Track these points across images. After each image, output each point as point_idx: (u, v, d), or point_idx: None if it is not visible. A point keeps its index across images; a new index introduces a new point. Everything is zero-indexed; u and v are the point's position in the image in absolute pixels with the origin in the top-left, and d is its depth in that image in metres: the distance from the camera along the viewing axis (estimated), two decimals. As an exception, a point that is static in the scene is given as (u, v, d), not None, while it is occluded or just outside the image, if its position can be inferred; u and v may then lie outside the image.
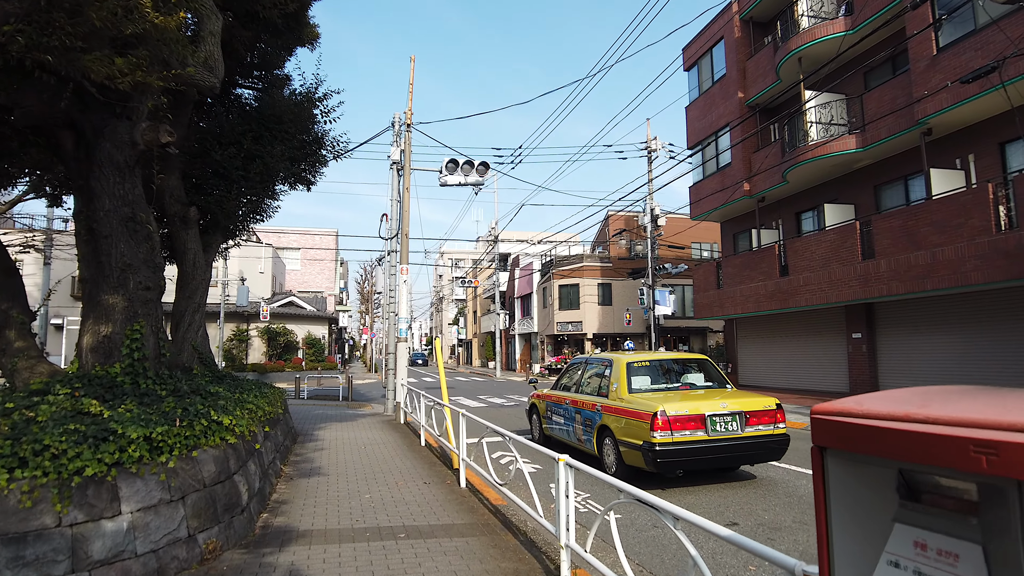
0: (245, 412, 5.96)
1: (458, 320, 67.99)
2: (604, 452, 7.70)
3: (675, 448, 6.67)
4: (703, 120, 23.05)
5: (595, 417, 7.91)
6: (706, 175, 23.04)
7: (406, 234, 14.05)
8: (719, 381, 8.07)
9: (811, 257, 17.43)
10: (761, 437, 7.03)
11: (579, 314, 34.52)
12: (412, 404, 11.69)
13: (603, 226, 36.11)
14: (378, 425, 12.67)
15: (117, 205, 6.02)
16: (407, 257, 13.94)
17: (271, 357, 32.54)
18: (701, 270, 23.80)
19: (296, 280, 45.60)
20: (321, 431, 11.68)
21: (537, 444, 10.97)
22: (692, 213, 23.80)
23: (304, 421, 13.30)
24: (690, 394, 7.55)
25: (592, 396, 8.23)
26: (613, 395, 7.66)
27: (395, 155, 15.71)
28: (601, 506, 6.33)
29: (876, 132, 15.84)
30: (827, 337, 18.69)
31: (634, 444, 6.93)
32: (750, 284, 20.09)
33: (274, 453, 7.29)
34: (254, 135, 10.58)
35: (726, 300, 21.46)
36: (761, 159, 20.14)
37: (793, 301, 18.07)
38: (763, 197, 20.56)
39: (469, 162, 15.76)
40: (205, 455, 4.64)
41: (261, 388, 8.65)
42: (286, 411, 10.06)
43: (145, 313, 6.04)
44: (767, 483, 7.35)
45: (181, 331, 10.38)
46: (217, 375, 9.78)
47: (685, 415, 6.76)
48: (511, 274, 44.15)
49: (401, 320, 13.82)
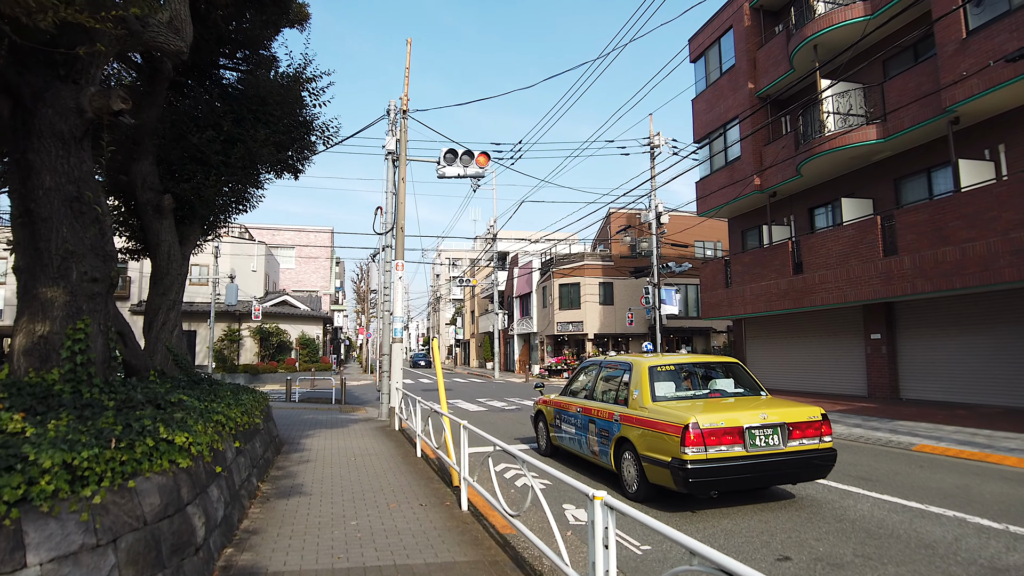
0: (210, 426, 5.06)
1: (455, 320, 67.08)
2: (623, 468, 6.82)
3: (710, 466, 5.79)
4: (710, 112, 22.19)
5: (612, 428, 7.03)
6: (714, 170, 22.19)
7: (401, 228, 13.16)
8: (752, 387, 7.19)
9: (828, 254, 16.58)
10: (806, 452, 6.16)
11: (580, 314, 33.65)
12: (408, 410, 10.80)
13: (604, 224, 35.26)
14: (371, 432, 11.78)
15: (60, 182, 5.13)
16: (402, 252, 13.05)
17: (263, 358, 31.60)
18: (708, 268, 22.94)
19: (290, 279, 44.64)
20: (309, 439, 10.78)
21: (545, 456, 10.19)
22: (699, 209, 22.94)
23: (292, 427, 12.40)
24: (722, 403, 6.67)
25: (609, 404, 7.35)
26: (634, 403, 6.78)
27: (390, 144, 14.82)
28: (631, 537, 5.45)
29: (898, 122, 15.00)
30: (843, 337, 17.85)
31: (660, 461, 6.05)
32: (761, 282, 19.24)
33: (249, 470, 6.39)
34: (235, 117, 9.70)
35: (735, 299, 20.60)
36: (773, 152, 19.30)
37: (808, 300, 17.22)
38: (775, 192, 19.72)
39: (468, 152, 14.88)
40: (147, 484, 3.74)
41: (239, 394, 7.75)
42: (268, 419, 9.16)
43: (92, 309, 5.14)
44: (810, 504, 6.47)
45: (154, 330, 9.49)
46: (193, 379, 8.90)
47: (720, 428, 5.88)
48: (510, 273, 43.26)
49: (396, 319, 12.93)
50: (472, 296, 58.16)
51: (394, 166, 14.91)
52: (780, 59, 18.79)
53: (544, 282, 37.12)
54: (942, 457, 9.26)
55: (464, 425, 6.04)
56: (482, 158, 15.01)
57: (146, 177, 9.25)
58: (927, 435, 10.86)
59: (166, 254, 9.44)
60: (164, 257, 9.45)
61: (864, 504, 6.43)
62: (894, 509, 6.22)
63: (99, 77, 5.62)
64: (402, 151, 13.86)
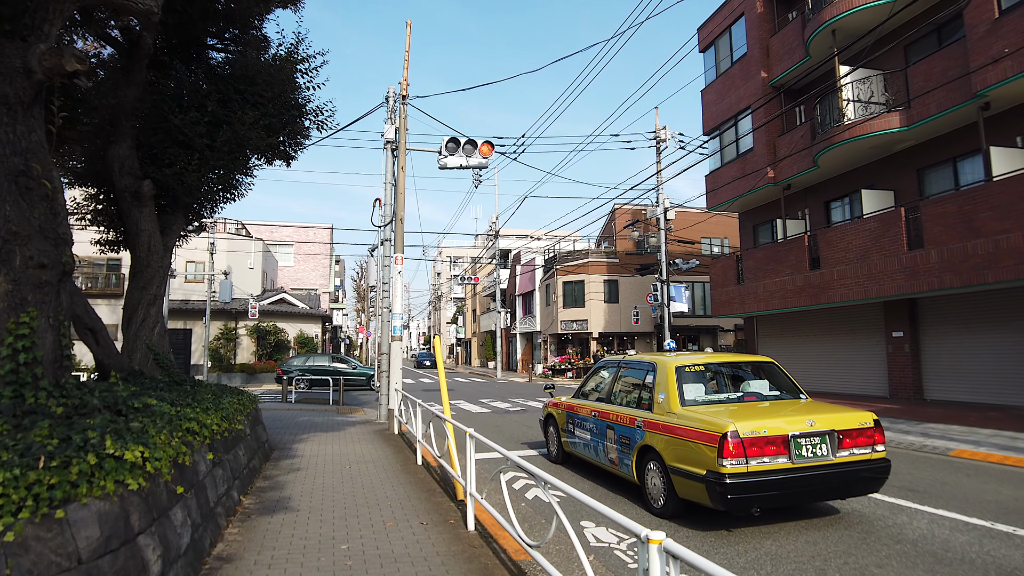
0: (177, 435, 4.36)
1: (457, 319, 66.39)
2: (647, 480, 6.11)
3: (751, 481, 5.08)
4: (721, 103, 21.46)
5: (635, 435, 6.32)
6: (724, 162, 21.46)
7: (401, 219, 12.44)
8: (790, 389, 6.48)
9: (847, 248, 15.85)
10: (857, 464, 5.44)
11: (584, 312, 32.92)
12: (407, 413, 10.10)
13: (609, 220, 34.52)
14: (368, 436, 11.07)
15: (4, 154, 4.42)
16: (402, 246, 12.33)
17: (261, 357, 30.91)
18: (719, 264, 22.20)
19: (289, 277, 43.94)
20: (302, 444, 10.08)
21: (556, 463, 9.44)
22: (709, 203, 22.21)
23: (284, 431, 11.69)
24: (760, 408, 5.96)
25: (630, 408, 6.63)
26: (660, 408, 6.07)
27: (389, 133, 14.10)
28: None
29: (924, 108, 14.28)
30: (863, 336, 17.12)
31: (693, 474, 5.34)
32: (775, 279, 18.51)
33: (228, 483, 5.68)
34: (221, 97, 9.00)
35: (747, 296, 19.88)
36: (787, 143, 18.57)
37: (826, 296, 16.49)
38: (789, 185, 18.99)
39: (471, 141, 14.17)
40: (84, 512, 3.04)
41: (222, 396, 7.05)
42: (256, 424, 8.45)
43: (39, 300, 4.44)
44: (858, 520, 5.76)
45: (133, 327, 8.79)
46: (175, 380, 8.20)
47: (763, 436, 5.17)
48: (512, 271, 42.54)
49: (395, 316, 12.21)
50: (473, 295, 57.46)
51: (393, 156, 14.20)
52: (795, 46, 18.06)
53: (547, 280, 36.39)
54: (986, 464, 8.55)
55: (470, 434, 5.33)
56: (485, 147, 14.31)
57: (124, 161, 8.55)
58: (962, 439, 10.15)
59: (146, 245, 8.74)
60: (144, 248, 8.74)
61: (920, 521, 5.71)
62: (956, 527, 5.50)
63: (54, 35, 4.92)
64: (401, 139, 13.15)
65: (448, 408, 6.85)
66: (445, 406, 6.86)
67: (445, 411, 6.79)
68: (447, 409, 6.82)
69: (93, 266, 28.51)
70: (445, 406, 6.86)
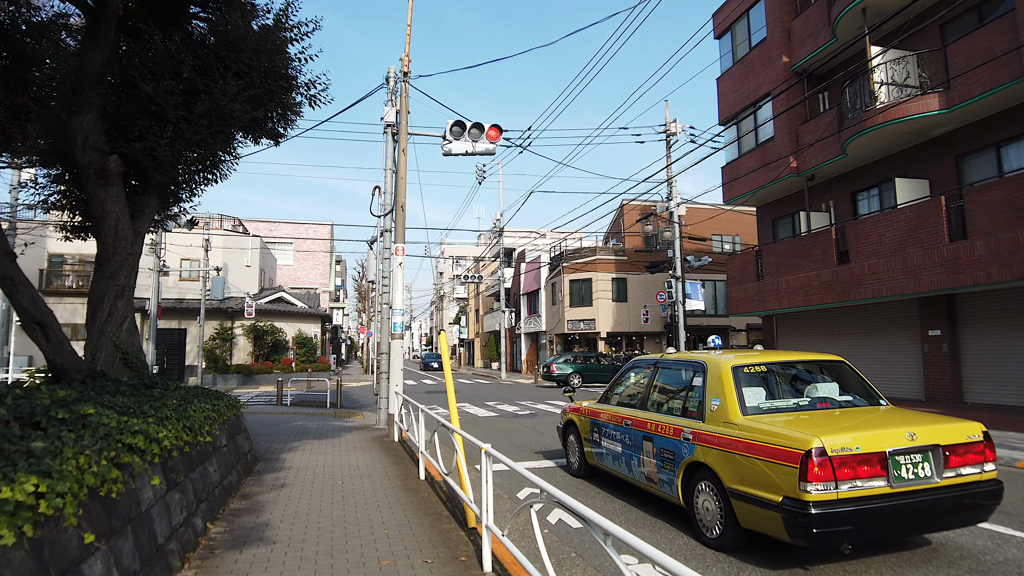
0: (109, 455, 3.34)
1: (459, 319, 65.36)
2: (698, 504, 5.07)
3: (842, 510, 4.04)
4: (739, 91, 20.40)
5: (680, 449, 5.28)
6: (742, 153, 20.41)
7: (402, 206, 11.40)
8: (866, 394, 5.43)
9: (879, 241, 14.78)
10: (967, 487, 4.40)
11: (591, 311, 31.86)
12: (409, 419, 9.07)
13: (617, 216, 33.47)
14: (366, 444, 10.03)
15: None
16: (403, 235, 11.30)
17: (258, 358, 29.89)
18: (737, 260, 21.14)
19: (288, 276, 42.94)
20: (291, 453, 9.04)
21: (578, 477, 7.64)
22: (725, 196, 21.16)
23: (274, 438, 10.66)
24: (840, 417, 4.91)
25: (673, 417, 5.59)
26: (714, 417, 5.03)
27: (389, 116, 13.08)
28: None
29: (965, 89, 13.22)
30: (895, 334, 16.05)
31: (763, 500, 4.30)
32: (799, 274, 17.45)
33: (188, 510, 4.65)
34: (200, 64, 7.98)
35: (768, 293, 18.81)
36: (811, 131, 17.52)
37: (855, 293, 15.42)
38: (812, 175, 17.93)
39: (478, 125, 13.16)
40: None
41: (193, 402, 6.01)
42: (236, 432, 7.42)
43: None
44: (957, 553, 4.72)
45: (98, 323, 7.74)
46: (145, 382, 7.20)
47: (856, 454, 4.12)
48: (516, 269, 41.49)
49: (396, 312, 11.17)
50: (476, 294, 56.42)
51: (394, 140, 13.18)
52: (820, 28, 17.01)
53: (553, 278, 35.34)
54: (1071, 479, 7.50)
55: (486, 451, 4.28)
56: (493, 131, 13.30)
57: (88, 134, 7.53)
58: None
59: (113, 229, 7.71)
60: (110, 233, 7.72)
61: (1037, 556, 4.66)
62: (1087, 566, 4.45)
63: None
64: (403, 119, 12.12)
65: (456, 415, 5.81)
66: (453, 413, 5.82)
67: (453, 419, 5.76)
68: (455, 417, 5.78)
69: (84, 264, 27.50)
70: (453, 413, 5.82)
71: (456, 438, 5.34)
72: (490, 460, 4.25)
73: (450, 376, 6.14)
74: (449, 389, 6.00)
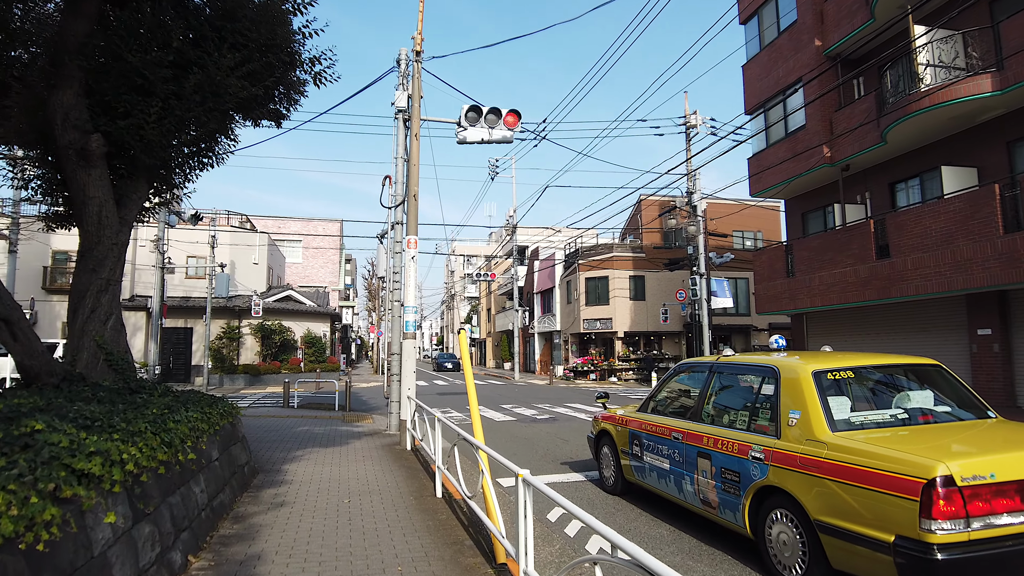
0: (47, 486, 2.54)
1: (471, 318, 64.62)
2: (771, 535, 4.21)
3: (977, 554, 3.17)
4: (766, 78, 19.45)
5: (748, 470, 4.43)
6: (770, 143, 19.44)
7: (414, 196, 10.59)
8: (970, 404, 4.56)
9: (924, 234, 13.81)
10: None
11: (608, 310, 30.93)
12: (423, 427, 8.25)
13: (635, 212, 32.52)
14: (376, 453, 9.23)
15: None
16: (415, 226, 10.48)
17: (265, 357, 29.22)
18: (765, 256, 20.17)
19: (297, 274, 42.30)
20: (294, 464, 8.26)
21: (614, 494, 6.57)
22: (752, 189, 20.20)
23: (277, 445, 9.88)
24: (950, 433, 4.04)
25: (738, 431, 4.74)
26: (793, 433, 4.17)
27: (400, 100, 12.28)
28: None
29: (1021, 69, 12.23)
30: (939, 334, 15.06)
31: (868, 539, 3.44)
32: (833, 270, 16.48)
33: (161, 545, 3.85)
34: (191, 35, 7.23)
35: (799, 290, 17.85)
36: (846, 119, 16.55)
37: (897, 289, 14.46)
38: (847, 165, 16.97)
39: (495, 111, 12.35)
40: None
41: (180, 410, 5.22)
42: (231, 443, 6.63)
43: None
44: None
45: (79, 320, 6.96)
46: (131, 386, 6.46)
47: (990, 483, 3.26)
48: (530, 267, 40.61)
49: (408, 310, 10.36)
50: (488, 293, 55.63)
51: (405, 126, 12.39)
52: (856, 8, 16.04)
53: (568, 276, 34.44)
54: None
55: (524, 478, 3.43)
56: (511, 117, 12.49)
57: (69, 111, 6.79)
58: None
59: (96, 216, 6.96)
60: (93, 220, 6.96)
61: None
62: None
63: None
64: (415, 101, 11.31)
65: (480, 428, 4.98)
66: (476, 426, 4.99)
67: (476, 432, 4.93)
68: (479, 429, 4.96)
69: (89, 261, 26.90)
70: (476, 426, 4.99)
71: (481, 456, 4.51)
72: (529, 490, 3.41)
73: (472, 381, 5.32)
74: (471, 396, 5.17)
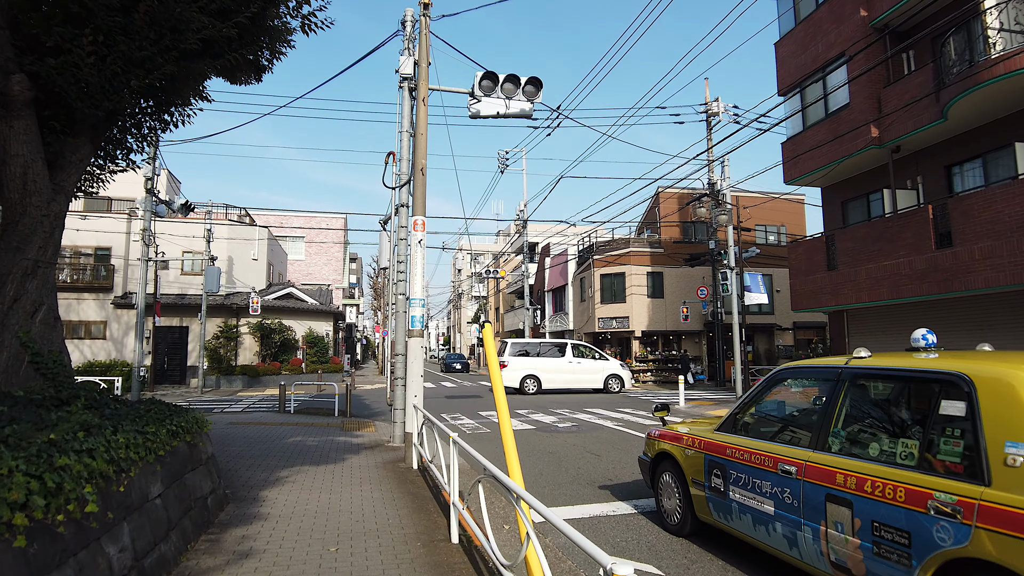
0: None
1: (478, 317, 63.11)
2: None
3: None
4: (803, 55, 17.87)
5: (929, 530, 2.91)
6: (807, 125, 17.87)
7: (422, 170, 9.09)
8: None
9: (995, 219, 12.23)
10: None
11: (625, 308, 29.37)
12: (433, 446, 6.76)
13: (652, 204, 30.95)
14: (376, 474, 7.73)
15: None
16: (423, 206, 9.00)
17: (265, 358, 27.81)
18: (801, 248, 18.58)
19: (300, 271, 40.92)
20: (276, 489, 6.77)
21: (680, 535, 4.25)
22: (787, 176, 18.62)
23: (260, 462, 8.40)
24: None
25: (901, 468, 3.21)
26: (1016, 478, 2.63)
27: (406, 67, 10.81)
28: None
29: (1118, 27, 10.65)
30: (1008, 332, 13.44)
31: None
32: (883, 262, 14.91)
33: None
34: (144, -46, 5.74)
35: (843, 285, 16.27)
36: (897, 95, 14.96)
37: (961, 282, 12.88)
38: (898, 146, 15.39)
39: (513, 78, 10.89)
40: None
41: (101, 433, 3.74)
42: (190, 470, 5.14)
43: None
44: None
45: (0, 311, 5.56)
46: (63, 395, 5.02)
47: None
48: (540, 264, 39.08)
49: (414, 303, 8.88)
50: (497, 292, 54.11)
51: (411, 95, 10.92)
52: (909, -28, 14.46)
53: (582, 273, 32.88)
54: None
55: (610, 570, 1.91)
56: (530, 87, 11.01)
57: (-15, 47, 5.35)
58: None
59: (19, 179, 5.50)
60: (16, 185, 5.51)
61: None
62: None
63: None
64: (422, 65, 9.83)
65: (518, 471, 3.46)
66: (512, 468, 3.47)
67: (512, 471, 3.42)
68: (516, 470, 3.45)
69: (79, 255, 25.58)
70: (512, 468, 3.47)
71: (524, 509, 2.99)
72: None
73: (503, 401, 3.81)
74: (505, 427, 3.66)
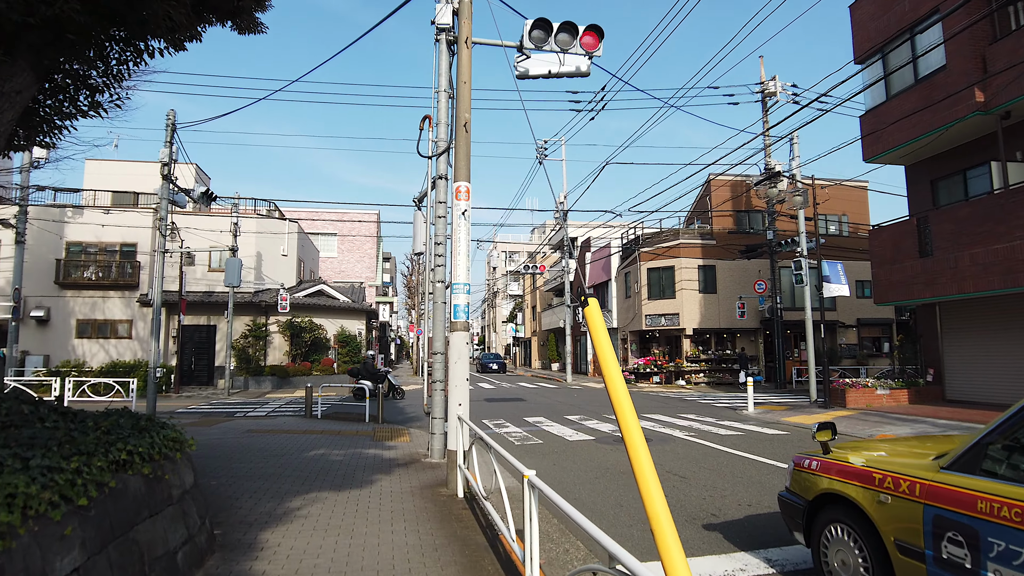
0: None
1: (514, 316, 61.50)
2: None
3: None
4: (886, 15, 15.81)
5: None
6: (892, 94, 15.80)
7: (465, 125, 7.47)
8: None
9: None
10: None
11: (675, 304, 27.41)
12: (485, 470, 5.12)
13: (703, 193, 28.91)
14: (410, 504, 6.13)
15: None
16: (467, 170, 7.39)
17: (295, 358, 26.64)
18: (885, 233, 16.48)
19: (332, 269, 39.87)
20: (280, 529, 5.23)
21: None
22: (867, 153, 16.55)
23: (270, 484, 6.88)
24: None
25: None
26: None
27: (443, 16, 9.25)
28: None
29: None
30: None
31: None
32: (992, 246, 12.82)
33: None
34: None
35: (940, 273, 14.19)
36: (1008, 51, 12.86)
37: (1102, 267, 10.77)
38: (1008, 111, 13.27)
39: (569, 26, 9.23)
40: None
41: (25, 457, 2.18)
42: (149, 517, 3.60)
43: None
44: None
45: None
46: None
47: None
48: (580, 259, 37.29)
49: (458, 289, 7.28)
50: (533, 290, 52.44)
51: (449, 50, 9.36)
52: (1026, -94, 12.35)
53: (627, 267, 31.00)
54: None
55: None
56: (589, 37, 9.35)
57: None
58: None
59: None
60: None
61: None
62: None
63: None
64: (463, 10, 8.20)
65: (680, 555, 1.78)
66: (668, 552, 1.80)
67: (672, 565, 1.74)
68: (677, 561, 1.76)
69: (106, 252, 24.73)
70: (668, 552, 1.80)
71: None
72: None
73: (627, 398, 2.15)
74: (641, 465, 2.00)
